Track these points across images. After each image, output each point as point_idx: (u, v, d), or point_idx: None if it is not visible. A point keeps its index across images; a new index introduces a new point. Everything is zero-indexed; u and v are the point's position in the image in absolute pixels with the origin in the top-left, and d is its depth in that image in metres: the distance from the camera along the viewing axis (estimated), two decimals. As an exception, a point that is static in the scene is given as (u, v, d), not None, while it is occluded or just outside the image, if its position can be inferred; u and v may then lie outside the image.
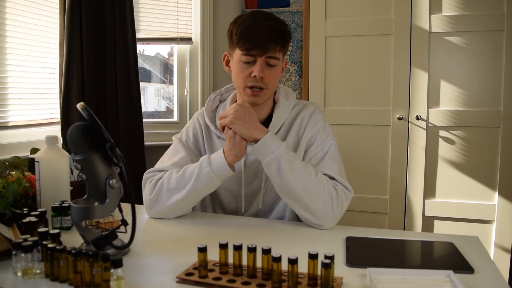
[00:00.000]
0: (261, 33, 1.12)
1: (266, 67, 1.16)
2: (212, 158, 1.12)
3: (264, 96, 1.19)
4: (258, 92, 1.17)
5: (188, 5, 2.57)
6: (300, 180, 1.07)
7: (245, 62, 1.16)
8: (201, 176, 1.11)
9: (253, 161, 1.25)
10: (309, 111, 1.26)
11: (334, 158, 1.19)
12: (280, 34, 1.15)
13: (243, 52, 1.14)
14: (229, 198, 1.29)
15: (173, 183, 1.14)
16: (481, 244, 1.00)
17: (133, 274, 0.82)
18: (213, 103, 1.32)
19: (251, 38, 1.12)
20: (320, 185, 1.09)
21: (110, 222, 1.09)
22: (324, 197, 1.08)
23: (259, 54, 1.13)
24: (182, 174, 1.14)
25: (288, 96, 1.28)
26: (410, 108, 2.29)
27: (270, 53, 1.13)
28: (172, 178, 1.15)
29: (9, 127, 1.92)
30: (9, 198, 1.05)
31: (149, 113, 2.79)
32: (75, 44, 2.01)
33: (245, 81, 1.16)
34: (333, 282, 0.73)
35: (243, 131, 1.09)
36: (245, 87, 1.17)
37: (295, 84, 2.57)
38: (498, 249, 2.21)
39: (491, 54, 2.17)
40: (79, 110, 0.85)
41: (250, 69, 1.15)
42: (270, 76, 1.16)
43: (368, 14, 2.33)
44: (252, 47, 1.12)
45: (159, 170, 1.23)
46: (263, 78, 1.15)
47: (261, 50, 1.12)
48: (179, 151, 1.26)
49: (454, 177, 2.26)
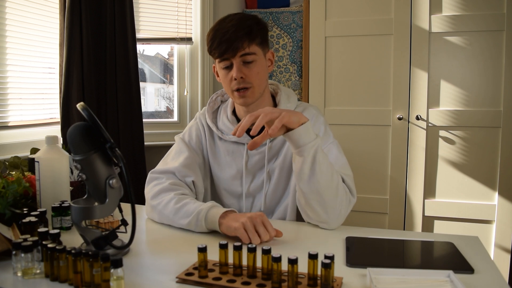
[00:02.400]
0: (225, 36, 1.13)
1: (244, 65, 1.16)
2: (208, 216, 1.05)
3: (252, 95, 1.18)
4: (244, 93, 1.17)
5: (188, 5, 2.57)
6: (329, 173, 1.06)
7: (224, 68, 1.18)
8: (194, 225, 1.07)
9: (255, 162, 1.25)
10: (310, 115, 1.26)
11: (338, 158, 1.19)
12: (245, 30, 1.14)
13: (218, 60, 1.18)
14: (230, 199, 1.29)
15: (168, 212, 1.12)
16: (481, 244, 1.00)
17: (133, 274, 0.82)
18: (214, 103, 1.32)
19: (219, 44, 1.13)
20: (340, 183, 1.09)
21: (110, 222, 1.09)
22: (341, 195, 1.08)
23: (231, 56, 1.14)
24: (178, 210, 1.10)
25: (289, 98, 1.28)
26: (410, 108, 2.29)
27: (240, 51, 1.14)
28: (169, 205, 1.12)
29: (9, 127, 1.92)
30: (9, 198, 1.05)
31: (149, 113, 2.79)
32: (75, 44, 2.01)
33: (230, 86, 1.18)
34: (333, 282, 0.73)
35: (292, 116, 1.02)
36: (232, 92, 1.19)
37: (295, 84, 2.57)
38: (498, 249, 2.21)
39: (491, 54, 2.17)
40: (79, 110, 0.85)
41: (230, 73, 1.17)
42: (250, 73, 1.16)
43: (368, 14, 2.33)
44: (222, 52, 1.14)
45: (165, 171, 1.23)
46: (244, 78, 1.16)
47: (230, 52, 1.13)
48: (182, 151, 1.27)
49: (454, 177, 2.26)
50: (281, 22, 2.57)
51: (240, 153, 1.26)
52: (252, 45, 1.16)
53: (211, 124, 1.28)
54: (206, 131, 1.30)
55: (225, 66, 1.17)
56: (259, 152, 1.25)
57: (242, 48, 1.14)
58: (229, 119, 1.27)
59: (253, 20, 1.17)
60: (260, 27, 1.18)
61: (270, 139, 1.24)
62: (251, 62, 1.16)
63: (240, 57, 1.15)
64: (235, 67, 1.15)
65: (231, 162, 1.27)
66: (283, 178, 1.25)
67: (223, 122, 1.28)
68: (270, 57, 1.24)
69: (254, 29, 1.16)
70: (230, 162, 1.27)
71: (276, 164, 1.25)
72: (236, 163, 1.26)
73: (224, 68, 1.18)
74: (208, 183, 1.31)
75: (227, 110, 1.29)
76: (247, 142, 1.24)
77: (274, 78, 2.60)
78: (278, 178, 1.24)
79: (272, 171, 1.25)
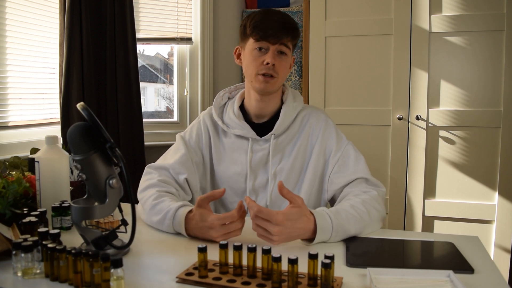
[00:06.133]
0: (273, 23, 1.18)
1: (278, 55, 1.20)
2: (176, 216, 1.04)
3: (274, 84, 1.21)
4: (269, 79, 1.20)
5: (188, 5, 2.57)
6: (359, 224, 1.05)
7: (258, 50, 1.20)
8: (162, 224, 1.07)
9: (259, 158, 1.26)
10: (320, 119, 1.29)
11: (358, 159, 1.24)
12: (292, 26, 1.20)
13: (257, 40, 1.20)
14: (232, 196, 1.29)
15: (146, 206, 1.12)
16: (481, 244, 1.00)
17: (133, 274, 0.82)
18: (221, 99, 1.34)
19: (265, 27, 1.18)
20: (370, 211, 1.08)
21: (110, 222, 1.09)
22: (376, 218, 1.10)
23: (272, 43, 1.18)
24: (154, 206, 1.10)
25: (296, 98, 1.31)
26: (410, 108, 2.29)
27: (283, 41, 1.19)
28: (148, 201, 1.12)
29: (9, 127, 1.92)
30: (9, 198, 1.05)
31: (149, 113, 2.79)
32: (75, 44, 2.01)
33: (258, 69, 1.20)
34: (333, 282, 0.73)
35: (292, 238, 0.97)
36: (257, 75, 1.21)
37: (295, 84, 2.57)
38: (498, 249, 2.21)
39: (491, 54, 2.17)
40: (79, 110, 0.85)
41: (262, 57, 1.19)
42: (281, 65, 1.21)
43: (368, 14, 2.33)
44: (266, 35, 1.18)
45: (160, 167, 1.25)
46: (275, 66, 1.19)
47: (274, 39, 1.18)
48: (180, 149, 1.29)
49: (454, 177, 2.26)
50: (281, 22, 2.57)
51: (244, 149, 1.27)
52: (291, 42, 1.22)
53: (217, 118, 1.30)
54: (211, 129, 1.31)
55: (260, 48, 1.20)
56: (263, 148, 1.26)
57: (286, 40, 1.19)
58: (235, 113, 1.28)
59: (295, 23, 1.24)
60: (299, 31, 1.25)
61: (275, 136, 1.26)
62: (285, 54, 1.21)
63: (279, 45, 1.19)
64: (270, 53, 1.18)
65: (235, 158, 1.28)
66: (292, 179, 1.26)
67: (229, 116, 1.29)
68: (291, 62, 1.28)
69: (297, 29, 1.23)
70: (235, 159, 1.28)
71: (284, 164, 1.26)
72: (241, 159, 1.27)
73: (258, 50, 1.20)
74: (208, 182, 1.31)
75: (234, 105, 1.31)
76: (251, 137, 1.26)
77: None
78: (286, 178, 1.25)
79: (280, 171, 1.26)
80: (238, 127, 1.27)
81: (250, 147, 1.26)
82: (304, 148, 1.27)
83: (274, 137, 1.26)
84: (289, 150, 1.27)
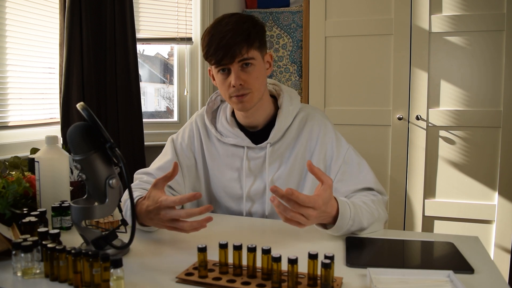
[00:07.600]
0: (221, 42, 1.07)
1: (242, 70, 1.11)
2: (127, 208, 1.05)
3: (251, 100, 1.14)
4: (243, 98, 1.12)
5: (188, 5, 2.57)
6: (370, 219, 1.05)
7: (222, 72, 1.12)
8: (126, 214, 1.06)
9: (255, 166, 1.23)
10: (319, 122, 1.23)
11: (361, 165, 1.19)
12: (243, 35, 1.08)
13: (214, 65, 1.13)
14: (229, 201, 1.27)
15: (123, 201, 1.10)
16: (481, 244, 1.00)
17: (133, 274, 0.82)
18: (213, 103, 1.30)
19: (215, 50, 1.08)
20: (378, 210, 1.09)
21: (110, 222, 1.09)
22: (382, 218, 1.10)
23: (229, 63, 1.09)
24: (125, 202, 1.08)
25: (292, 100, 1.24)
26: (410, 108, 2.29)
27: (239, 57, 1.09)
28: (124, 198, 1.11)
29: (9, 127, 1.92)
30: (9, 198, 1.05)
31: (149, 113, 2.79)
32: (75, 44, 2.01)
33: (228, 92, 1.13)
34: (333, 282, 0.73)
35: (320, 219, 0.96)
36: (230, 97, 1.14)
37: (295, 84, 2.57)
38: (498, 249, 2.21)
39: (491, 54, 2.17)
40: (79, 110, 0.85)
41: (228, 79, 1.12)
42: (249, 78, 1.11)
43: (368, 14, 2.33)
44: (219, 59, 1.09)
45: (145, 172, 1.23)
46: (243, 84, 1.11)
47: (228, 59, 1.08)
48: (166, 154, 1.26)
49: (454, 177, 2.26)
50: (281, 22, 2.57)
51: (240, 155, 1.23)
52: (251, 50, 1.10)
53: (210, 126, 1.25)
54: (202, 133, 1.27)
55: (222, 71, 1.12)
56: (259, 156, 1.22)
57: (241, 54, 1.08)
58: (228, 121, 1.24)
59: (250, 23, 1.12)
60: (258, 29, 1.13)
61: (271, 143, 1.22)
62: (249, 66, 1.11)
63: (238, 63, 1.10)
64: (233, 74, 1.10)
65: (230, 164, 1.24)
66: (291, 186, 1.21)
67: (222, 124, 1.25)
68: (268, 59, 1.20)
69: (252, 33, 1.10)
70: (230, 164, 1.24)
71: (282, 171, 1.22)
72: (236, 165, 1.24)
73: (221, 73, 1.13)
74: (202, 185, 1.29)
75: (227, 111, 1.26)
76: (246, 145, 1.22)
77: (274, 78, 2.59)
78: (284, 186, 1.19)
79: (277, 179, 1.22)
80: (232, 135, 1.22)
81: (246, 155, 1.22)
82: (302, 154, 1.22)
83: (270, 145, 1.21)
84: (286, 157, 1.22)
